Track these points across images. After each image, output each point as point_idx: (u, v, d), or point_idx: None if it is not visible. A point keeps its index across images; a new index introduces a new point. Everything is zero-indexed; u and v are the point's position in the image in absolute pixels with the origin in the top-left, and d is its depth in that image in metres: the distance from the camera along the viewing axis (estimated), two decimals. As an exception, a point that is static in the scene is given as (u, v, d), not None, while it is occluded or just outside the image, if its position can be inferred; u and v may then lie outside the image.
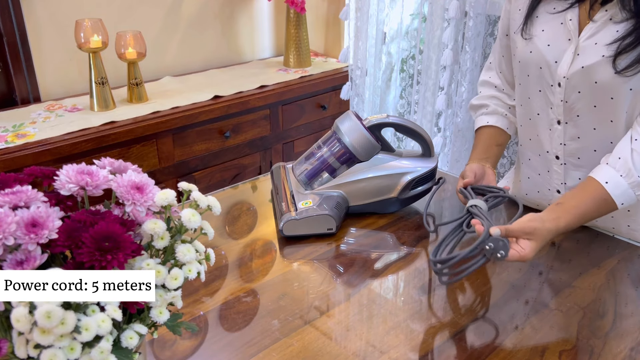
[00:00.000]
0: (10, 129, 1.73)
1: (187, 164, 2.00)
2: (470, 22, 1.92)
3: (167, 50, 2.26)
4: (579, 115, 1.08)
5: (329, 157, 1.16)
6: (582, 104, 1.06)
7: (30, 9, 1.87)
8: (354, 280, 1.00)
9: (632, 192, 1.00)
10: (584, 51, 1.03)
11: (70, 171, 0.60)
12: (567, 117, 1.10)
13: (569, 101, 1.08)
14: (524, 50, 1.12)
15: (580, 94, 1.05)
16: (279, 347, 0.84)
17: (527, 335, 0.87)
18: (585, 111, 1.07)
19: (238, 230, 1.16)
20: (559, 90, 1.08)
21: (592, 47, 1.02)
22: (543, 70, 1.10)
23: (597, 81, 1.01)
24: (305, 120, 2.35)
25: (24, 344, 0.51)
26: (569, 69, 1.05)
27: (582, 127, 1.09)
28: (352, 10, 2.29)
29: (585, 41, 1.03)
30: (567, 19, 1.05)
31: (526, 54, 1.12)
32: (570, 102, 1.07)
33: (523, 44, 1.12)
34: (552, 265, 1.05)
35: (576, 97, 1.06)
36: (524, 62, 1.13)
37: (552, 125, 1.13)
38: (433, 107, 2.13)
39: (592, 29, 1.02)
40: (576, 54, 1.04)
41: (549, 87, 1.10)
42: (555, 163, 1.17)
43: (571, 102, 1.07)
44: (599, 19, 1.01)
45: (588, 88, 1.04)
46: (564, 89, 1.07)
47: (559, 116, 1.11)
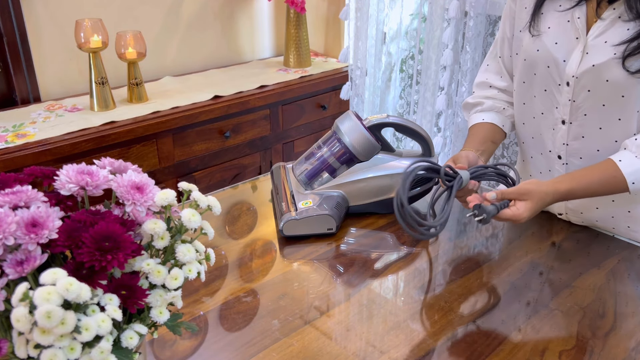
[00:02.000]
0: (10, 129, 1.73)
1: (187, 164, 2.00)
2: (471, 22, 1.92)
3: (167, 50, 2.26)
4: (586, 114, 1.07)
5: (329, 157, 1.16)
6: (590, 103, 1.06)
7: (30, 9, 1.87)
8: (354, 280, 1.00)
9: None
10: (594, 50, 1.02)
11: (70, 171, 0.60)
12: (572, 116, 1.09)
13: (576, 100, 1.07)
14: (531, 49, 1.11)
15: (590, 92, 1.04)
16: (279, 347, 0.84)
17: (527, 335, 0.87)
18: (592, 110, 1.06)
19: (238, 230, 1.16)
20: (567, 90, 1.07)
21: (602, 45, 1.01)
22: (551, 69, 1.09)
23: (608, 79, 1.01)
24: (305, 120, 2.35)
25: (24, 344, 0.51)
26: (578, 67, 1.04)
27: (588, 127, 1.08)
28: (352, 10, 2.29)
29: (594, 40, 1.02)
30: (575, 17, 1.04)
31: (533, 52, 1.11)
32: (578, 101, 1.07)
33: (530, 41, 1.11)
34: (552, 265, 1.05)
35: (585, 95, 1.05)
36: (531, 60, 1.12)
37: (556, 125, 1.13)
38: (433, 107, 2.13)
39: (600, 27, 1.01)
40: (585, 53, 1.03)
41: (556, 87, 1.09)
42: (557, 162, 1.16)
43: (579, 101, 1.07)
44: (607, 17, 1.00)
45: (598, 86, 1.03)
46: (572, 88, 1.06)
47: (564, 116, 1.10)
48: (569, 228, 1.17)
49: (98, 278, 0.54)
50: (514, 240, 1.13)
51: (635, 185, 1.01)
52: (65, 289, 0.49)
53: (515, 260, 1.06)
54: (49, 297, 0.48)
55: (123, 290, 0.56)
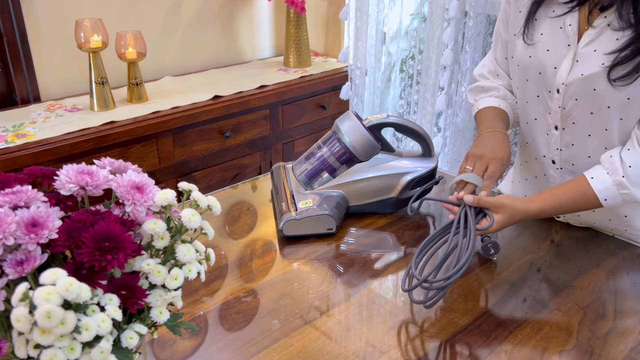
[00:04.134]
0: (10, 129, 1.73)
1: (187, 164, 2.00)
2: (471, 22, 1.92)
3: (167, 50, 2.26)
4: (575, 122, 1.07)
5: (329, 157, 1.16)
6: (578, 111, 1.05)
7: (30, 9, 1.87)
8: (354, 280, 1.00)
9: (615, 190, 1.00)
10: (583, 58, 1.01)
11: (70, 171, 0.60)
12: (564, 123, 1.09)
13: (566, 108, 1.07)
14: (523, 55, 1.11)
15: (578, 101, 1.04)
16: (279, 347, 0.84)
17: (527, 335, 0.87)
18: (581, 118, 1.06)
19: (238, 230, 1.16)
20: (557, 97, 1.07)
21: (591, 54, 1.00)
22: (542, 75, 1.08)
23: (595, 89, 1.00)
24: (305, 120, 2.35)
25: (24, 344, 0.51)
26: (567, 75, 1.03)
27: (577, 134, 1.08)
28: (352, 10, 2.29)
29: (584, 48, 1.01)
30: (567, 24, 1.03)
31: (525, 59, 1.10)
32: (567, 108, 1.07)
33: (522, 47, 1.11)
34: (551, 264, 1.05)
35: (573, 104, 1.05)
36: (523, 66, 1.12)
37: (550, 131, 1.12)
38: (433, 107, 2.13)
39: (591, 35, 1.00)
40: (575, 61, 1.02)
41: (547, 93, 1.09)
42: (552, 167, 1.16)
43: (568, 109, 1.07)
44: (598, 25, 0.99)
45: (586, 95, 1.02)
46: (562, 96, 1.06)
47: (557, 122, 1.10)
48: (568, 227, 1.17)
49: (98, 278, 0.54)
50: (513, 239, 1.13)
51: (608, 202, 1.01)
52: (65, 289, 0.49)
53: (514, 260, 1.06)
54: (49, 297, 0.49)
55: (123, 290, 0.56)
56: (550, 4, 1.07)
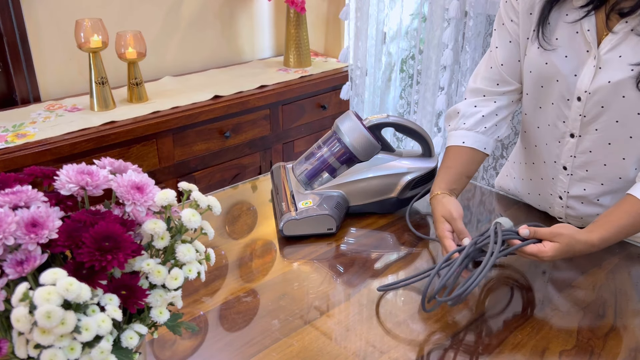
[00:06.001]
0: (10, 129, 1.73)
1: (187, 164, 2.00)
2: (471, 22, 1.92)
3: (167, 50, 2.26)
4: (597, 129, 1.03)
5: (329, 157, 1.16)
6: (603, 119, 1.01)
7: (30, 9, 1.87)
8: (354, 280, 1.00)
9: None
10: (608, 65, 0.97)
11: (70, 171, 0.60)
12: (582, 130, 1.05)
13: (587, 115, 1.02)
14: (538, 61, 1.05)
15: (604, 108, 1.00)
16: (279, 347, 0.84)
17: (527, 335, 0.87)
18: (604, 125, 1.02)
19: (238, 230, 1.16)
20: (577, 104, 1.02)
21: (616, 60, 0.96)
22: (560, 83, 1.03)
23: (624, 95, 0.97)
24: (305, 120, 2.35)
25: (24, 344, 0.51)
26: (591, 83, 0.99)
27: (597, 142, 1.04)
28: (352, 10, 2.29)
29: (606, 54, 0.97)
30: (585, 29, 0.99)
31: (540, 65, 1.05)
32: (589, 116, 1.02)
33: (537, 53, 1.05)
34: (552, 264, 1.05)
35: (598, 111, 1.01)
36: (538, 73, 1.06)
37: (564, 138, 1.08)
38: (433, 107, 2.13)
39: (612, 40, 0.97)
40: (598, 67, 0.98)
41: (565, 101, 1.04)
42: (562, 173, 1.12)
43: (590, 117, 1.02)
44: (619, 30, 0.96)
45: (613, 103, 0.99)
46: (584, 104, 1.02)
47: (574, 130, 1.06)
48: (569, 228, 1.17)
49: (98, 278, 0.54)
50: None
51: None
52: (65, 289, 0.49)
53: (515, 260, 1.05)
54: (49, 297, 0.48)
55: (123, 290, 0.56)
56: (563, 7, 1.02)
